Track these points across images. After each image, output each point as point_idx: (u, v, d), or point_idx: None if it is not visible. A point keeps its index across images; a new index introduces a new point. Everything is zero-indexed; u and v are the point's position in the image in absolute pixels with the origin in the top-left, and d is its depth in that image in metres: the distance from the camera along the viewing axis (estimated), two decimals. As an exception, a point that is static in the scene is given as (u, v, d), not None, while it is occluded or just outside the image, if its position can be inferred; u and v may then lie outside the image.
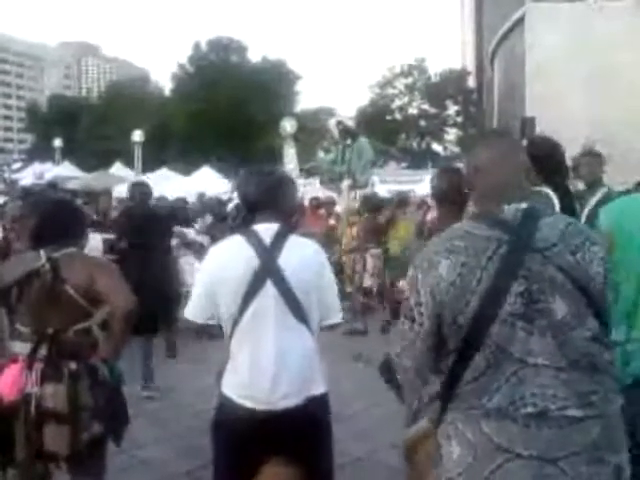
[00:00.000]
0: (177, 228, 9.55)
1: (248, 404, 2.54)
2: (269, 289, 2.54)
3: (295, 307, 2.56)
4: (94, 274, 3.03)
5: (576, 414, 1.75)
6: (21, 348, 3.01)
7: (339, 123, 10.19)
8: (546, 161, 3.79)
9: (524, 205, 1.88)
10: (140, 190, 6.46)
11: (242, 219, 2.74)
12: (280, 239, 2.61)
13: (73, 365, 2.95)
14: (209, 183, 19.41)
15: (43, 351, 2.96)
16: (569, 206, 3.75)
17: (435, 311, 1.85)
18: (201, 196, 14.19)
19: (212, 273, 2.62)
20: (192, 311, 2.65)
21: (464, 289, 1.80)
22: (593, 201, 5.18)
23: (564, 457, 1.74)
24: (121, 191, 16.83)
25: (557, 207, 3.65)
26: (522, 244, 1.79)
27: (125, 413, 3.15)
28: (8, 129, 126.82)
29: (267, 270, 2.55)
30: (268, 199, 2.69)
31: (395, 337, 2.01)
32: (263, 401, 2.52)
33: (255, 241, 2.59)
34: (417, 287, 1.89)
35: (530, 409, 1.76)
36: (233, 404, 2.57)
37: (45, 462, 2.95)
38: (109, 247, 6.82)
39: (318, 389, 2.62)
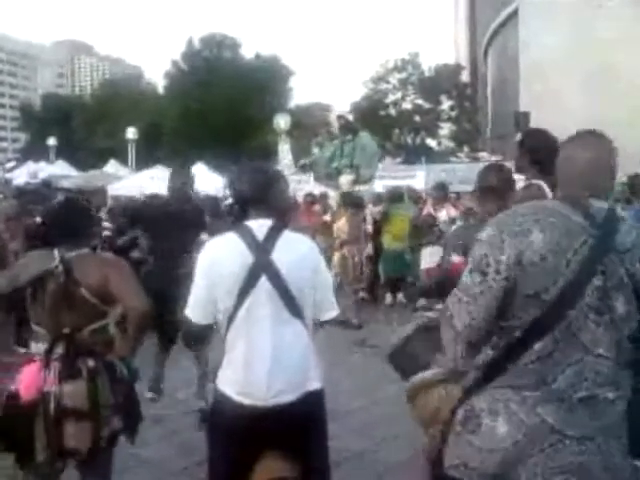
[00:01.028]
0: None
1: (243, 400, 2.55)
2: (263, 284, 2.55)
3: (290, 302, 2.57)
4: (107, 275, 3.04)
5: (611, 396, 1.92)
6: (37, 348, 3.03)
7: (340, 117, 10.14)
8: (541, 152, 3.80)
9: (606, 205, 1.99)
10: (182, 180, 5.56)
11: (235, 216, 2.74)
12: (274, 235, 2.62)
13: (91, 362, 2.95)
14: (203, 180, 19.37)
15: (59, 350, 2.97)
16: None
17: (514, 275, 1.89)
18: (195, 193, 14.17)
19: (208, 270, 2.62)
20: (194, 312, 2.63)
21: (555, 267, 1.87)
22: None
23: (599, 434, 1.92)
24: (116, 189, 16.86)
25: (550, 197, 3.67)
26: (605, 242, 1.92)
27: (139, 410, 3.17)
28: (1, 128, 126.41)
29: (261, 266, 2.56)
30: (261, 195, 2.69)
31: (454, 292, 2.02)
32: (258, 397, 2.53)
33: (249, 237, 2.60)
34: (502, 245, 1.91)
35: (584, 393, 1.90)
36: (228, 400, 2.58)
37: (65, 459, 2.97)
38: (108, 244, 6.76)
39: (313, 385, 2.64)
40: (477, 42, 76.59)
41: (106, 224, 6.99)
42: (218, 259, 2.62)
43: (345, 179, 9.91)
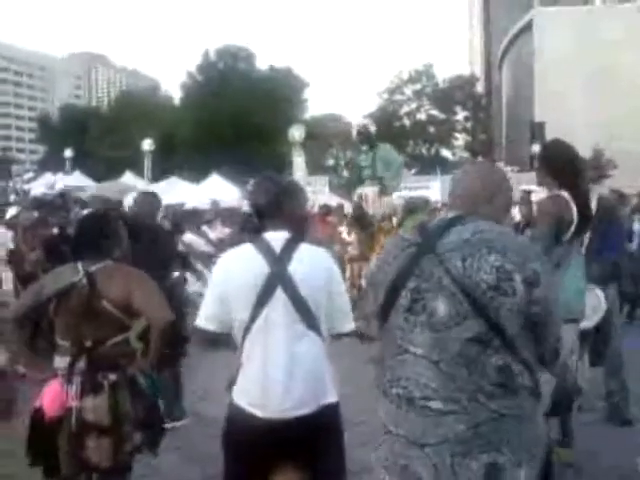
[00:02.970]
0: (188, 236, 9.60)
1: (259, 413, 2.54)
2: (279, 297, 2.55)
3: (306, 315, 2.57)
4: (131, 288, 3.05)
5: (439, 407, 1.91)
6: (60, 362, 3.04)
7: (364, 127, 9.98)
8: (562, 165, 3.80)
9: (452, 214, 2.06)
10: (149, 200, 5.67)
11: (253, 227, 2.76)
12: (290, 247, 2.63)
13: (113, 376, 2.97)
14: (219, 191, 19.47)
15: (82, 364, 2.98)
16: (585, 210, 3.74)
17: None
18: (215, 204, 14.15)
19: (223, 281, 2.62)
20: (204, 319, 2.64)
21: (384, 276, 2.06)
22: None
23: (429, 444, 1.91)
24: (131, 200, 16.95)
25: (574, 211, 3.65)
26: (423, 247, 1.99)
27: (162, 424, 3.17)
28: (20, 140, 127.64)
29: (277, 278, 2.56)
30: (277, 207, 2.70)
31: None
32: (274, 410, 2.52)
33: (265, 249, 2.61)
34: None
35: (400, 390, 1.98)
36: (244, 413, 2.57)
37: (89, 473, 2.98)
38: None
39: (329, 398, 2.63)
40: (491, 53, 76.55)
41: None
42: (233, 271, 2.62)
43: (370, 190, 9.80)
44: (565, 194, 3.68)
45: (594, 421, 4.95)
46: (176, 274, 9.18)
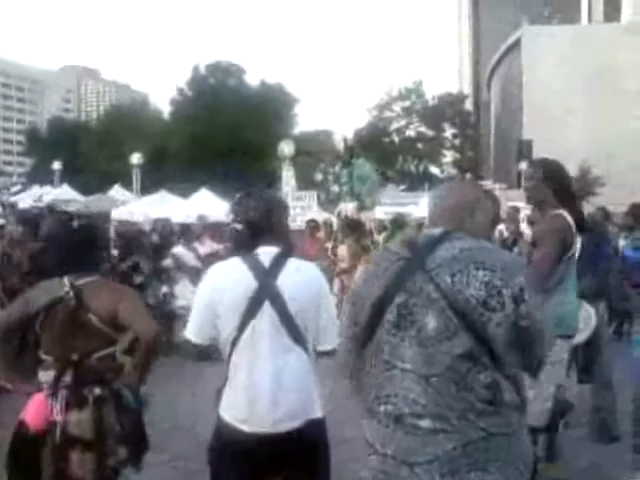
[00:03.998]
0: (177, 249, 9.57)
1: (245, 428, 2.53)
2: (266, 310, 2.55)
3: (292, 329, 2.57)
4: (117, 302, 3.04)
5: (429, 425, 1.88)
6: (44, 377, 3.01)
7: (345, 140, 10.12)
8: (560, 182, 3.88)
9: (439, 230, 2.05)
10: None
11: (240, 242, 2.75)
12: (280, 261, 2.63)
13: (97, 390, 2.94)
14: (208, 205, 19.45)
15: (67, 378, 2.96)
16: (581, 226, 3.83)
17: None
18: (201, 218, 14.12)
19: (210, 293, 2.63)
20: (192, 331, 2.65)
21: (367, 292, 2.04)
22: None
23: (418, 463, 1.88)
24: (120, 213, 16.92)
25: (574, 230, 3.73)
26: (414, 262, 1.97)
27: (146, 439, 3.13)
28: (8, 152, 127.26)
29: (265, 292, 2.56)
30: (269, 222, 2.71)
31: None
32: (262, 423, 2.52)
33: (254, 263, 2.61)
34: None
35: (389, 407, 1.94)
36: (230, 427, 2.56)
37: None
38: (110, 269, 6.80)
39: (315, 413, 2.62)
40: (480, 71, 77.30)
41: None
42: (220, 283, 2.63)
43: (349, 206, 9.89)
44: (564, 212, 3.74)
45: (581, 437, 4.95)
46: (164, 289, 9.18)
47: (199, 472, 3.05)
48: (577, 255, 3.87)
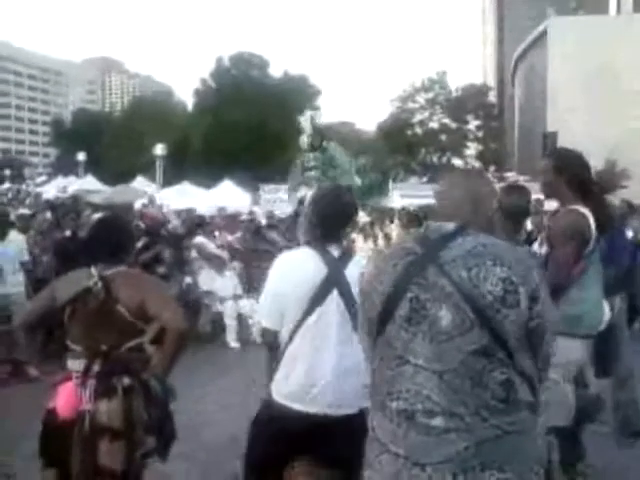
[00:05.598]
0: (198, 239, 9.64)
1: (299, 407, 2.64)
2: (334, 298, 2.68)
3: (355, 317, 2.62)
4: (145, 292, 3.06)
5: (441, 424, 1.85)
6: (74, 365, 3.04)
7: (312, 120, 9.44)
8: (575, 174, 3.66)
9: (452, 225, 2.01)
10: None
11: (310, 235, 2.85)
12: (347, 254, 2.80)
13: (127, 380, 2.96)
14: (230, 197, 19.52)
15: (96, 368, 2.98)
16: (604, 221, 3.61)
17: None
18: (221, 210, 14.18)
19: (279, 279, 2.76)
20: (265, 317, 2.79)
21: (376, 289, 2.01)
22: None
23: (431, 464, 1.85)
24: (142, 204, 17.04)
25: (592, 225, 3.52)
26: (427, 257, 1.95)
27: (173, 429, 3.15)
28: (34, 143, 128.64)
29: (334, 279, 2.70)
30: (343, 220, 2.85)
31: None
32: (318, 405, 2.63)
33: (324, 252, 2.74)
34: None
35: (401, 403, 1.91)
36: (280, 405, 2.67)
37: (101, 478, 2.95)
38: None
39: (365, 402, 2.65)
40: (504, 62, 76.51)
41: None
42: (291, 269, 2.76)
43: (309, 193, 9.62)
44: (581, 208, 3.55)
45: (604, 433, 4.90)
46: (187, 279, 9.25)
47: (222, 464, 3.06)
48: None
